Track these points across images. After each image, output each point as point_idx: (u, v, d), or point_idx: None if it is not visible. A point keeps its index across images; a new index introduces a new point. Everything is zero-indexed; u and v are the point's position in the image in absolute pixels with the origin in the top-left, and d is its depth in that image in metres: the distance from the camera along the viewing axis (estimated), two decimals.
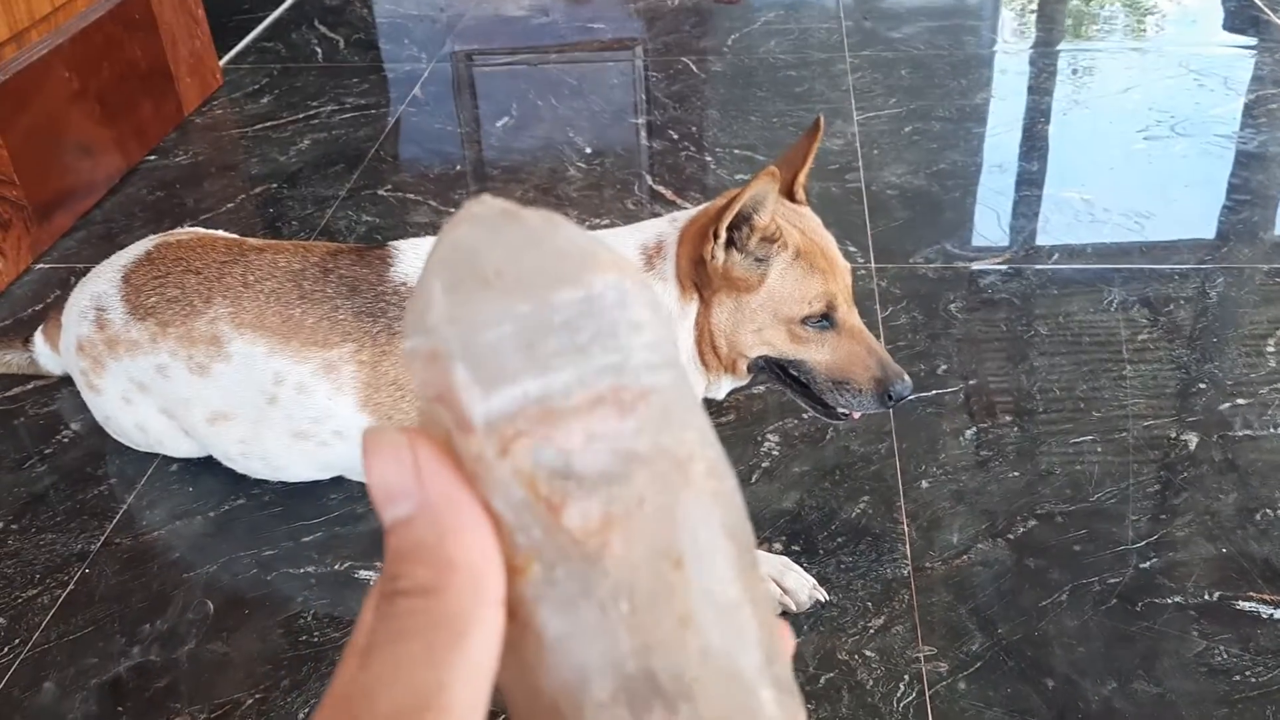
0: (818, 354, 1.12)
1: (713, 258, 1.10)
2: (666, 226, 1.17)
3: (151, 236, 1.30)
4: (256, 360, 1.17)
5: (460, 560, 0.24)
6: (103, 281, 1.25)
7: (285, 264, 1.20)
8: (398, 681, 0.23)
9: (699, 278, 1.13)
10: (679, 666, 0.25)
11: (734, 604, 0.26)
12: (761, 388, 1.39)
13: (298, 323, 1.16)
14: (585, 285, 0.26)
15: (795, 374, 1.15)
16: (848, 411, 1.16)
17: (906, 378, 1.12)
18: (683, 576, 0.26)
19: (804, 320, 1.11)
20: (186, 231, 1.33)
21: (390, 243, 1.23)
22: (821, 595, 1.14)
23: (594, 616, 0.25)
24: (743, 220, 1.08)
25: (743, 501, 0.28)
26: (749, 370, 1.18)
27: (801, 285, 1.10)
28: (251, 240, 1.27)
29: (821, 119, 1.19)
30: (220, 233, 1.34)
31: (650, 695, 0.25)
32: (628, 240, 1.17)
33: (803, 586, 1.13)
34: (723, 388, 1.21)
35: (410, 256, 1.20)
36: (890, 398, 1.11)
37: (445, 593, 0.24)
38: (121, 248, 1.31)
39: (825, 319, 1.12)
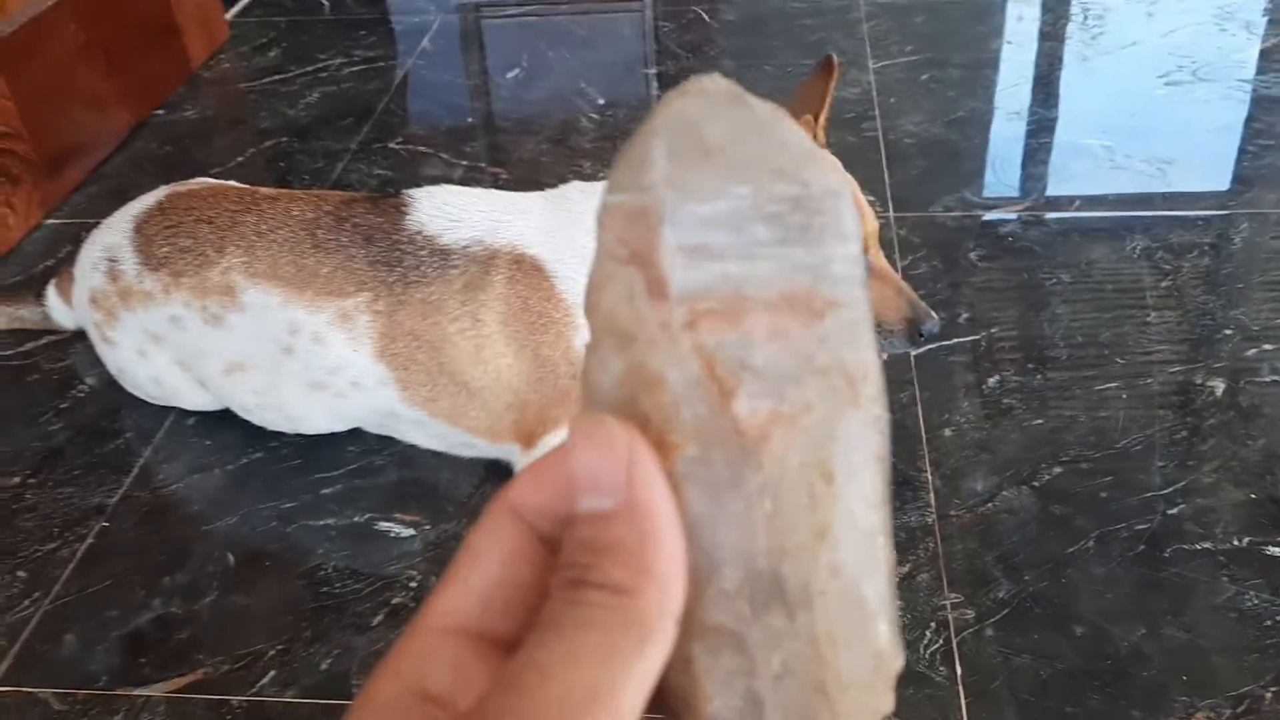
0: None
1: None
2: None
3: (163, 187, 1.28)
4: (271, 310, 1.15)
5: (656, 570, 0.24)
6: (114, 232, 1.23)
7: (299, 213, 1.18)
8: (574, 667, 0.23)
9: None
10: (807, 576, 0.25)
11: (871, 531, 0.26)
12: None
13: (312, 272, 1.15)
14: (803, 183, 0.26)
15: None
16: None
17: (935, 315, 1.10)
18: (830, 491, 0.26)
19: None
20: (198, 181, 1.31)
21: (405, 190, 1.21)
22: None
23: (738, 507, 0.25)
24: None
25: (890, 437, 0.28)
26: None
27: None
28: (264, 190, 1.25)
29: (834, 57, 1.16)
30: (232, 183, 1.33)
31: (772, 597, 0.25)
32: None
33: None
34: None
35: (426, 205, 1.18)
36: (921, 335, 1.10)
37: (636, 597, 0.24)
38: None
39: None
